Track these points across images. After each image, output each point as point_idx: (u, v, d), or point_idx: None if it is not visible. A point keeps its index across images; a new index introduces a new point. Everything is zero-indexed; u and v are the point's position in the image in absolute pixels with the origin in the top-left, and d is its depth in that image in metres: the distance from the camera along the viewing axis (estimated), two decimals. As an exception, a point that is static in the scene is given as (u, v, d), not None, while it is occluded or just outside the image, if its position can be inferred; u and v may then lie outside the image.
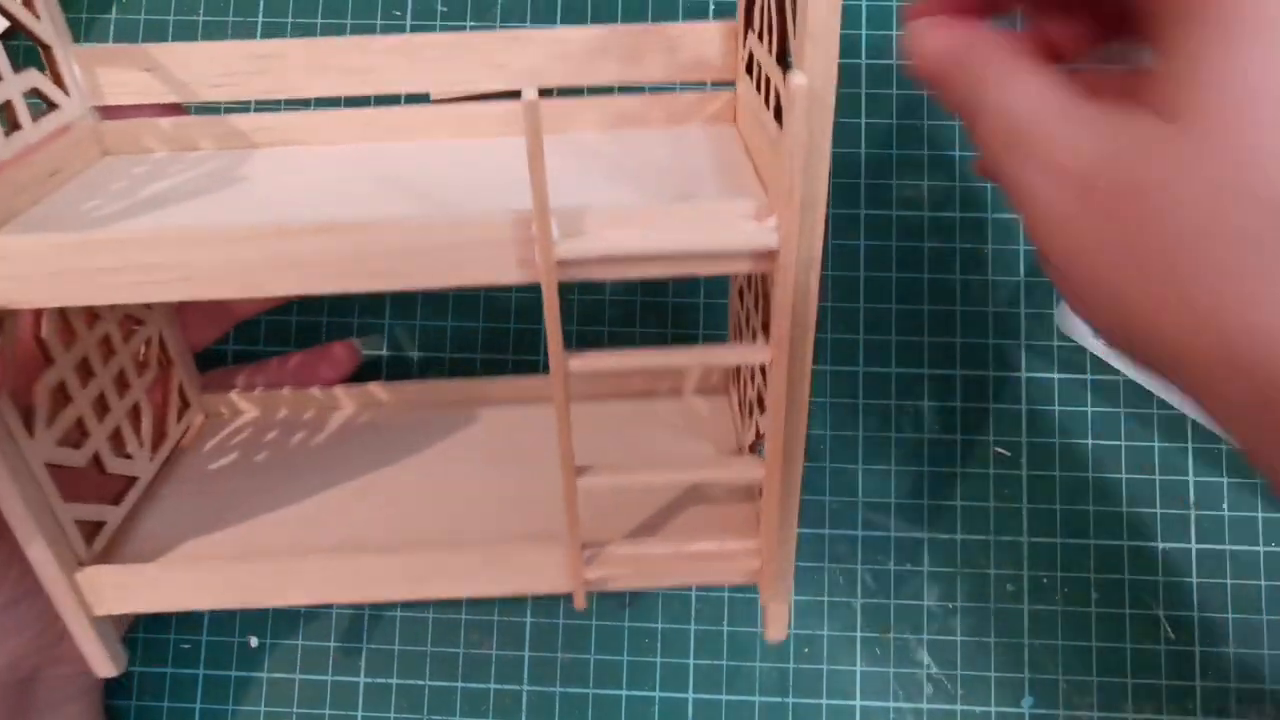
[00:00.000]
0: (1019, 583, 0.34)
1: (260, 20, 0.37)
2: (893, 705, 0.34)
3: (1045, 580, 0.34)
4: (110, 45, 0.27)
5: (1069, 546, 0.34)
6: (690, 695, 0.34)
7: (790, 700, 0.34)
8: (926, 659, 0.34)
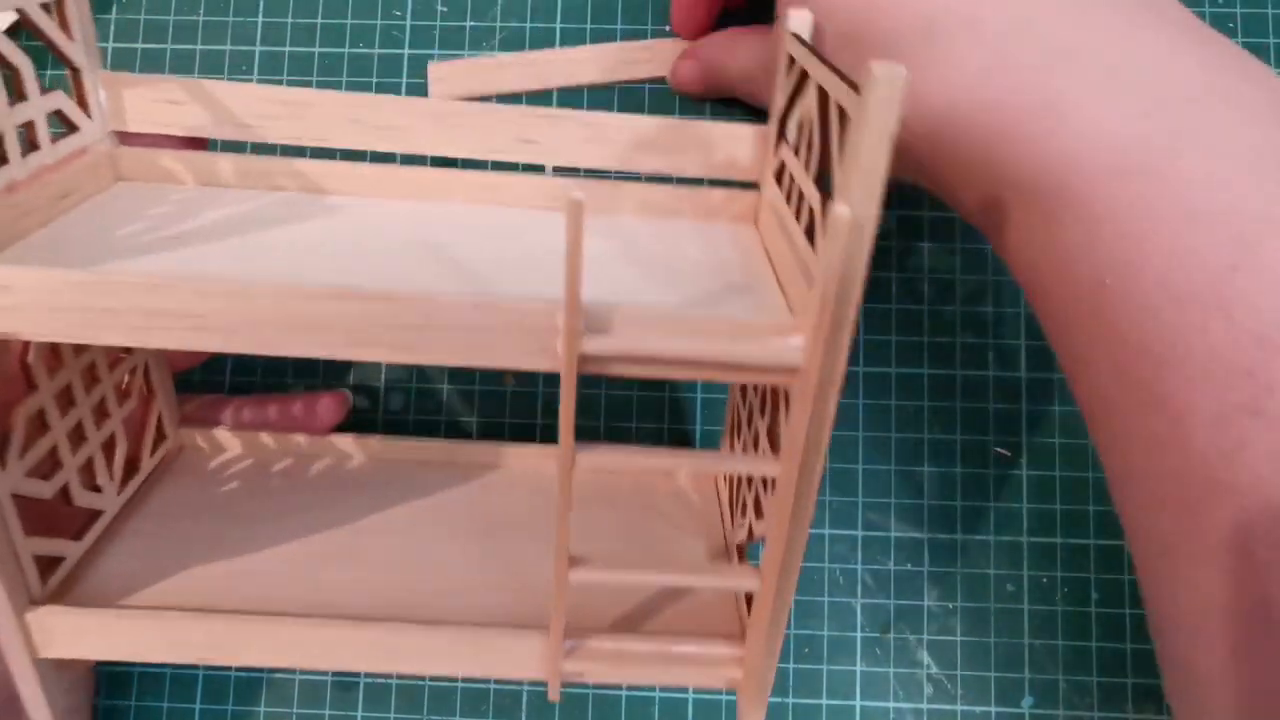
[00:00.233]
0: (1019, 583, 0.34)
1: (260, 20, 0.37)
2: (893, 705, 0.34)
3: (1045, 580, 0.34)
4: (140, 75, 0.26)
5: (1069, 546, 0.34)
6: (690, 695, 0.34)
7: (790, 700, 0.34)
8: (926, 659, 0.34)
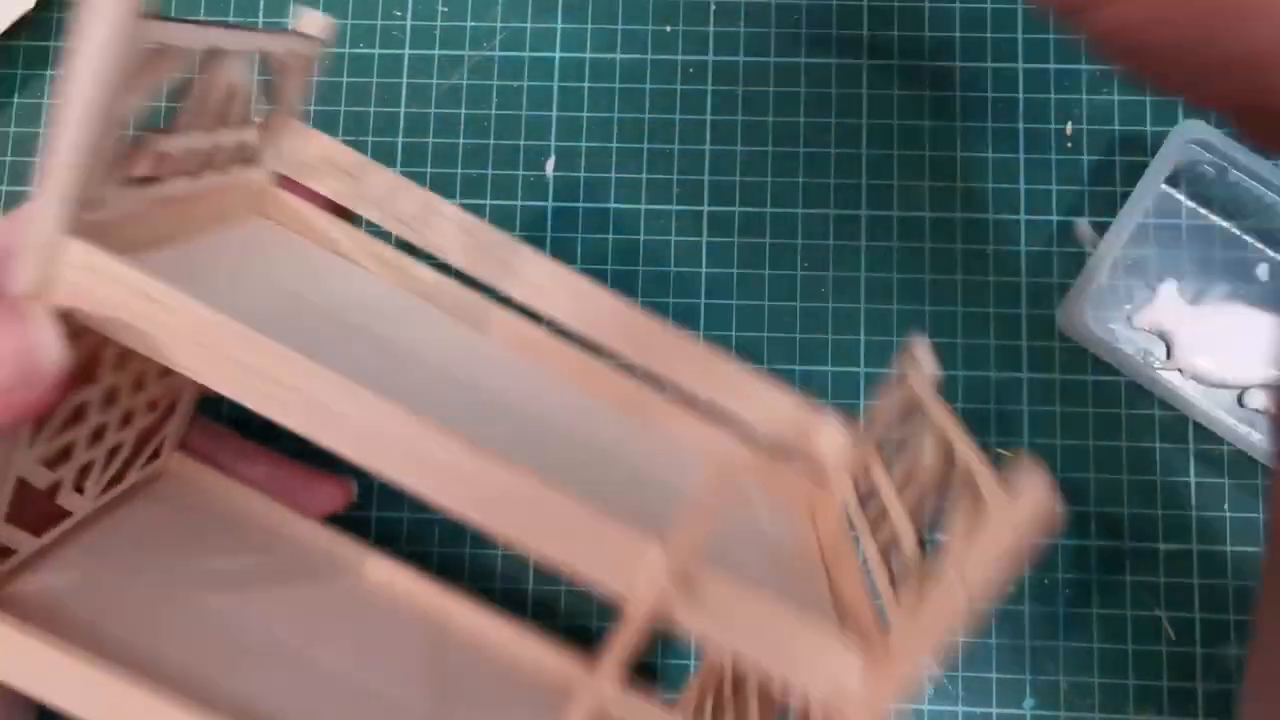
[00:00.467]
0: (1020, 584, 0.34)
1: (260, 21, 0.37)
2: (893, 705, 0.34)
3: (1046, 582, 0.34)
4: (324, 136, 0.27)
5: (1070, 548, 0.34)
6: None
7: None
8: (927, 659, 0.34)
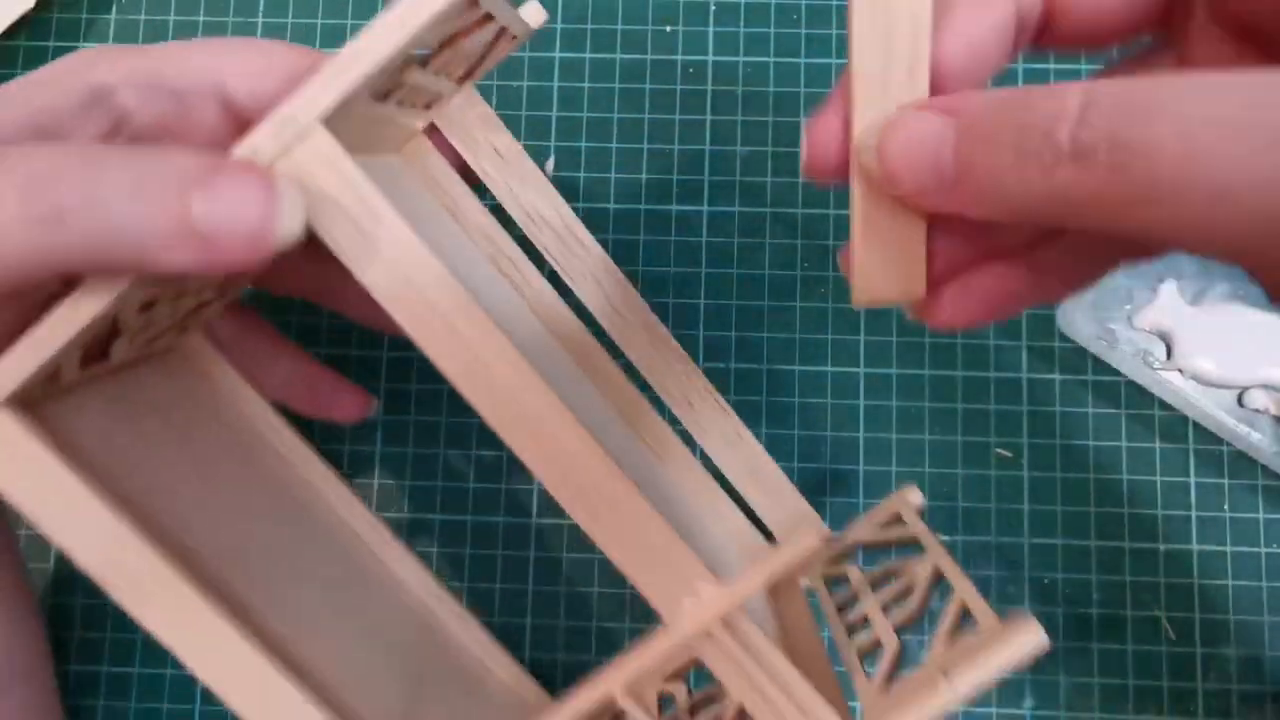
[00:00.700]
0: (1020, 584, 0.34)
1: (260, 21, 0.37)
2: None
3: (1046, 582, 0.34)
4: (491, 110, 0.30)
5: (1070, 548, 0.34)
6: (690, 697, 0.34)
7: (790, 702, 0.34)
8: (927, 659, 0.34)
